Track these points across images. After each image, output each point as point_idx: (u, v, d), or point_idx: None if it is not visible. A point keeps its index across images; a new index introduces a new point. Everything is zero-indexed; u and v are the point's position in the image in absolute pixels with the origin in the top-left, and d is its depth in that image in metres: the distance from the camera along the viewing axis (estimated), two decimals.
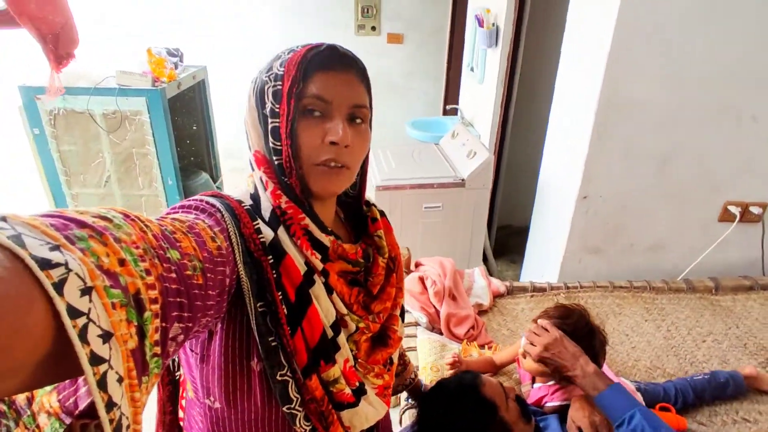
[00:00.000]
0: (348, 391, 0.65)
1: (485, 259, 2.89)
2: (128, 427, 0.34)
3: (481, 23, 2.67)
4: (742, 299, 1.81)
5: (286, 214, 0.61)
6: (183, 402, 0.74)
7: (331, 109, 0.60)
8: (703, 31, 1.53)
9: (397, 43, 4.15)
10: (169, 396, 0.74)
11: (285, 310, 0.58)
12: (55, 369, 0.32)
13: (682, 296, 1.83)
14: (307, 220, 0.62)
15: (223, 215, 0.55)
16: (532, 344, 1.09)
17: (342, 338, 0.64)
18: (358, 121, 0.63)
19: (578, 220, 1.84)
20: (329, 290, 0.63)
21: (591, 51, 1.65)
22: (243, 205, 0.59)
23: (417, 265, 1.75)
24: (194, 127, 3.06)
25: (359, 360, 0.68)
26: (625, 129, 1.67)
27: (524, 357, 1.14)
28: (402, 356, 1.01)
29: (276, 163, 0.61)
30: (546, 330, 1.09)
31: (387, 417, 0.84)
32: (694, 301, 1.81)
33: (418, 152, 2.41)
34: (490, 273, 2.78)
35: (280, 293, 0.58)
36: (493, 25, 2.64)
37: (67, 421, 0.39)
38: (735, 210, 1.84)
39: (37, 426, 0.41)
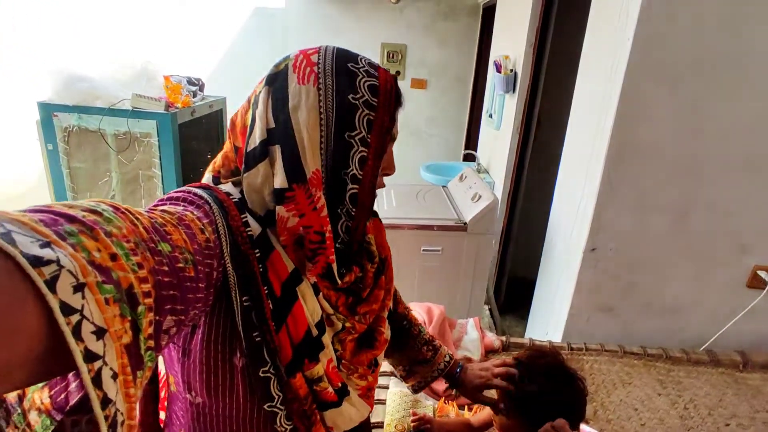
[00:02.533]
0: (331, 390, 0.64)
1: (492, 314, 2.71)
2: (123, 423, 0.34)
3: (498, 69, 2.64)
4: None
5: (324, 243, 0.59)
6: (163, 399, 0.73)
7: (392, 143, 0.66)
8: (722, 80, 1.42)
9: (420, 88, 4.19)
10: (152, 395, 0.72)
11: (270, 305, 0.57)
12: (49, 367, 0.32)
13: (702, 370, 1.61)
14: (334, 257, 0.61)
15: (211, 207, 0.55)
16: None
17: (326, 337, 0.63)
18: None
19: (586, 274, 1.68)
20: (317, 290, 0.62)
21: (601, 94, 1.56)
22: (231, 197, 0.59)
23: None
24: (209, 156, 3.09)
25: (343, 360, 0.67)
26: (638, 177, 1.54)
27: (497, 414, 0.98)
28: (431, 341, 1.00)
29: (351, 191, 0.60)
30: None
31: (367, 419, 0.81)
32: (716, 377, 1.59)
33: (423, 193, 2.32)
34: (495, 327, 2.60)
35: (265, 287, 0.57)
36: (511, 71, 2.61)
37: (58, 417, 0.38)
38: (766, 276, 1.64)
39: (28, 424, 0.40)
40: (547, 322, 1.93)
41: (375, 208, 0.74)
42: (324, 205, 0.58)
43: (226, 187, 0.62)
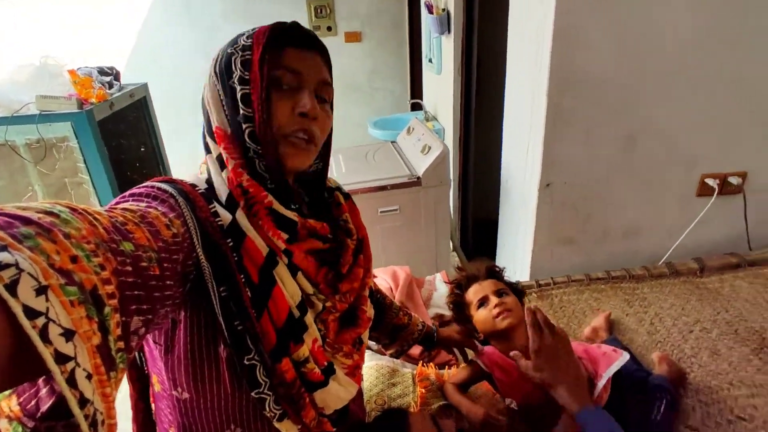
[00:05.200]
0: (318, 370, 0.64)
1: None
2: (103, 422, 0.34)
3: (430, 9, 2.52)
4: (729, 279, 1.65)
5: (248, 193, 0.59)
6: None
7: (300, 82, 0.62)
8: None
9: (355, 41, 4.00)
10: (140, 392, 0.72)
11: (249, 293, 0.57)
12: (18, 372, 0.31)
13: (665, 282, 1.67)
14: (270, 198, 0.60)
15: (177, 200, 0.54)
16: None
17: (309, 318, 0.63)
18: (325, 98, 0.66)
19: (544, 210, 1.68)
20: (294, 271, 0.62)
21: (536, 26, 1.49)
22: (197, 189, 0.59)
23: None
24: (142, 149, 2.88)
25: (327, 339, 0.68)
26: (583, 108, 1.51)
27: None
28: (402, 308, 1.07)
29: (247, 130, 0.60)
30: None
31: (360, 397, 0.82)
32: (678, 287, 1.65)
33: (373, 152, 2.24)
34: None
35: (242, 276, 0.57)
36: (444, 10, 2.49)
37: (30, 424, 0.37)
38: (713, 183, 1.68)
39: None
40: (514, 262, 1.94)
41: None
42: (229, 159, 0.60)
43: (191, 179, 0.62)
